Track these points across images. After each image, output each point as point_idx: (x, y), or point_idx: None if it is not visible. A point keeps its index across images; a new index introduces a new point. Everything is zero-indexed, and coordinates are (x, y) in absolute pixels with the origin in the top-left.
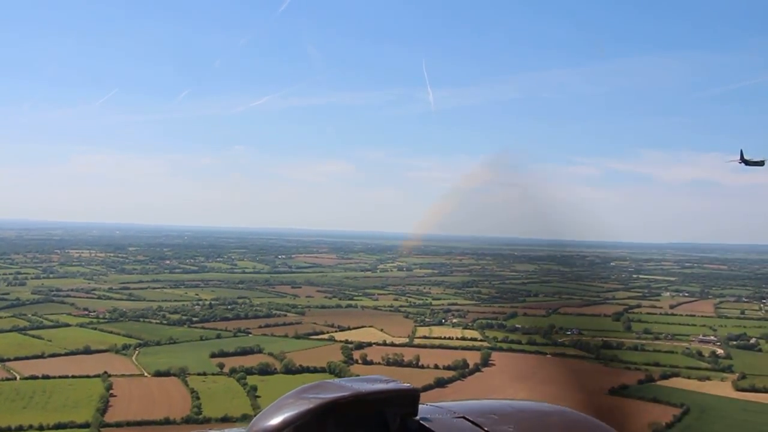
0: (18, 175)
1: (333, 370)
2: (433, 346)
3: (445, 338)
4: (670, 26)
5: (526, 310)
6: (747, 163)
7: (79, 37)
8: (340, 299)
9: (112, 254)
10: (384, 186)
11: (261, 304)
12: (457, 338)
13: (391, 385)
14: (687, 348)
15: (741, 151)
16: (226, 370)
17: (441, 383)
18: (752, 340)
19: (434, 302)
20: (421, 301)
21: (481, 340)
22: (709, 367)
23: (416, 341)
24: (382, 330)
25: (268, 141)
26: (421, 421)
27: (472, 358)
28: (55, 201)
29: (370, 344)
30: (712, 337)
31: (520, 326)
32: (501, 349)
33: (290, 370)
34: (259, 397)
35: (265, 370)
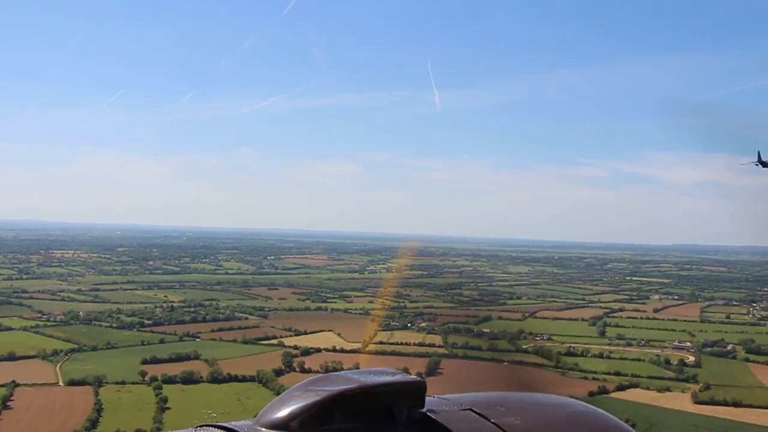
0: (25, 175)
1: (262, 379)
2: (384, 353)
3: (402, 344)
4: (676, 28)
5: (502, 314)
6: (765, 164)
7: (84, 38)
8: (313, 301)
9: (95, 255)
10: (390, 187)
11: (227, 307)
12: (415, 344)
13: (397, 378)
14: (657, 355)
15: (759, 153)
16: (156, 377)
17: None
18: (729, 347)
19: (410, 305)
20: (396, 304)
21: (439, 346)
22: (673, 376)
23: (370, 347)
24: (339, 335)
25: (273, 142)
26: (427, 413)
27: (420, 366)
28: (61, 202)
29: (318, 350)
30: (687, 344)
31: (488, 331)
32: (456, 356)
33: (216, 378)
34: (168, 409)
35: (189, 379)
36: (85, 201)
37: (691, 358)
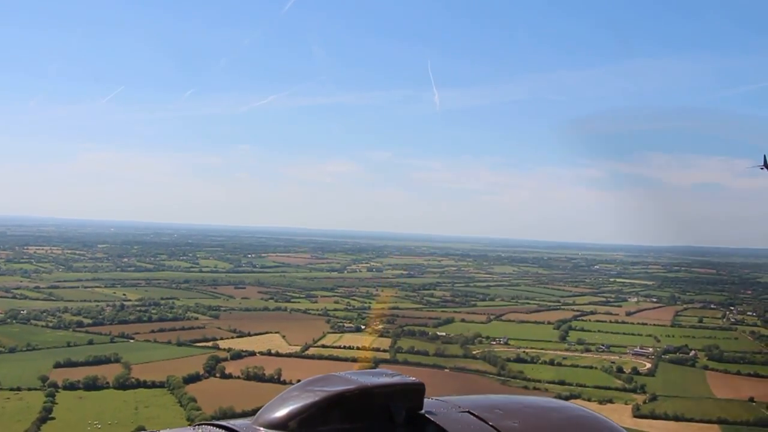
0: (24, 171)
1: (171, 386)
2: (321, 357)
3: (344, 347)
4: (678, 28)
5: (467, 316)
6: None
7: (84, 34)
8: (275, 301)
9: (70, 252)
10: (389, 186)
11: (182, 306)
12: (357, 347)
13: (396, 379)
14: (612, 363)
15: (765, 157)
16: (56, 383)
17: None
18: (691, 353)
19: (376, 306)
20: (360, 305)
21: (384, 350)
22: (620, 386)
23: (311, 350)
24: (284, 337)
25: (273, 140)
26: (426, 415)
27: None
28: (61, 198)
29: (252, 353)
30: (649, 349)
31: (444, 334)
32: (396, 362)
33: (123, 384)
34: (51, 419)
35: (92, 385)
36: (84, 198)
37: (648, 366)
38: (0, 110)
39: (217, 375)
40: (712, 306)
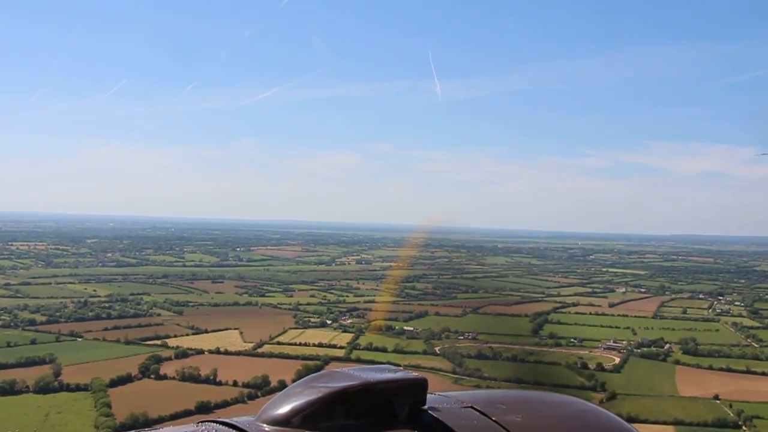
0: (28, 168)
1: (93, 389)
2: (271, 355)
3: (301, 344)
4: (680, 16)
5: (441, 309)
6: None
7: (85, 29)
8: (250, 295)
9: (54, 247)
10: (392, 178)
11: (149, 302)
12: (314, 344)
13: (399, 375)
14: (580, 358)
15: None
16: None
17: (203, 409)
18: (666, 347)
19: (354, 299)
20: (337, 298)
21: (340, 347)
22: (579, 384)
23: (266, 347)
24: (241, 334)
25: (275, 133)
26: (429, 411)
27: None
28: (64, 194)
29: (201, 352)
30: (623, 343)
31: (411, 329)
32: (348, 359)
33: (44, 388)
34: None
35: (9, 389)
36: (86, 193)
37: (616, 361)
38: (2, 106)
39: (152, 376)
40: (701, 296)
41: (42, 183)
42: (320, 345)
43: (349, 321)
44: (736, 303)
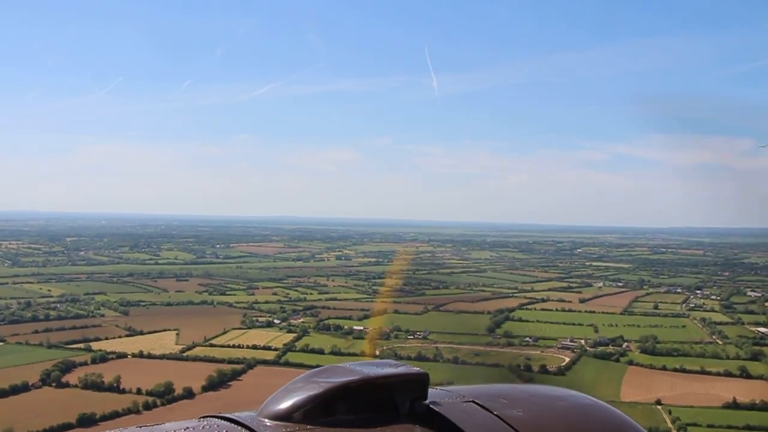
0: (24, 166)
1: None
2: (196, 359)
3: (234, 346)
4: (677, 8)
5: (401, 307)
6: None
7: (80, 26)
8: (210, 294)
9: (26, 246)
10: (390, 173)
11: (99, 302)
12: (249, 346)
13: (400, 369)
14: (527, 359)
15: None
16: None
17: (84, 422)
18: (624, 345)
19: (317, 296)
20: (299, 296)
21: (274, 349)
22: None
23: (197, 350)
24: (177, 335)
25: (272, 129)
26: (430, 405)
27: (218, 375)
28: (61, 192)
29: (123, 356)
30: (582, 341)
31: (361, 328)
32: (276, 363)
33: None
34: None
35: None
36: (83, 191)
37: (566, 361)
38: None
39: (53, 384)
40: (678, 290)
41: (38, 181)
42: (254, 347)
43: (301, 320)
44: (712, 297)
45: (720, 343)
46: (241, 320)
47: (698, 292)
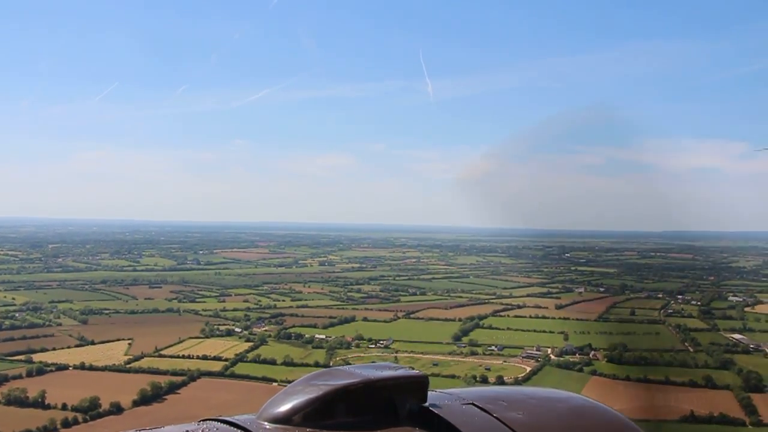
0: (19, 172)
1: None
2: (138, 371)
3: (184, 357)
4: (670, 12)
5: (370, 314)
6: None
7: (74, 32)
8: (180, 301)
9: (3, 253)
10: (386, 178)
11: (63, 310)
12: (198, 356)
13: (400, 372)
14: (487, 368)
15: None
16: None
17: None
18: (592, 354)
19: (289, 303)
20: (269, 303)
21: (225, 359)
22: None
23: (145, 360)
24: (129, 345)
25: (267, 135)
26: (430, 408)
27: (152, 389)
28: (55, 198)
29: (65, 368)
30: (548, 350)
31: (323, 337)
32: (220, 375)
33: None
34: None
35: None
36: (78, 197)
37: (527, 371)
38: None
39: None
40: (659, 295)
41: (32, 188)
42: (204, 357)
43: (264, 329)
44: (693, 302)
45: (691, 350)
46: (201, 329)
47: (679, 297)
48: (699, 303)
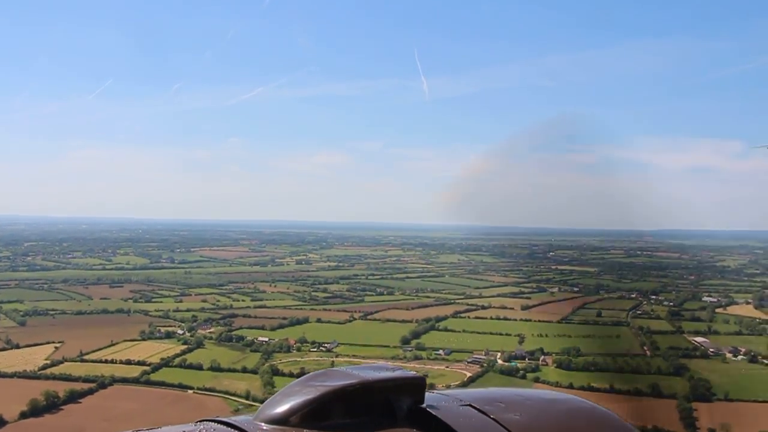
0: (12, 170)
1: None
2: (49, 377)
3: (105, 361)
4: (666, 11)
5: (325, 315)
6: None
7: (68, 28)
8: (135, 302)
9: None
10: (381, 177)
11: (6, 310)
12: (122, 361)
13: (397, 373)
14: (425, 374)
15: None
16: None
17: None
18: (542, 359)
19: (248, 303)
20: (227, 303)
21: (149, 364)
22: None
23: (63, 366)
24: (56, 348)
25: (263, 133)
26: (427, 409)
27: (46, 398)
28: (51, 196)
29: None
30: (497, 354)
31: (266, 339)
32: (136, 382)
33: None
34: None
35: None
36: (72, 195)
37: (468, 376)
38: None
39: None
40: (632, 295)
41: (27, 185)
42: (127, 362)
43: (209, 330)
44: (665, 303)
45: (649, 354)
46: (141, 331)
47: (653, 297)
48: (671, 303)
